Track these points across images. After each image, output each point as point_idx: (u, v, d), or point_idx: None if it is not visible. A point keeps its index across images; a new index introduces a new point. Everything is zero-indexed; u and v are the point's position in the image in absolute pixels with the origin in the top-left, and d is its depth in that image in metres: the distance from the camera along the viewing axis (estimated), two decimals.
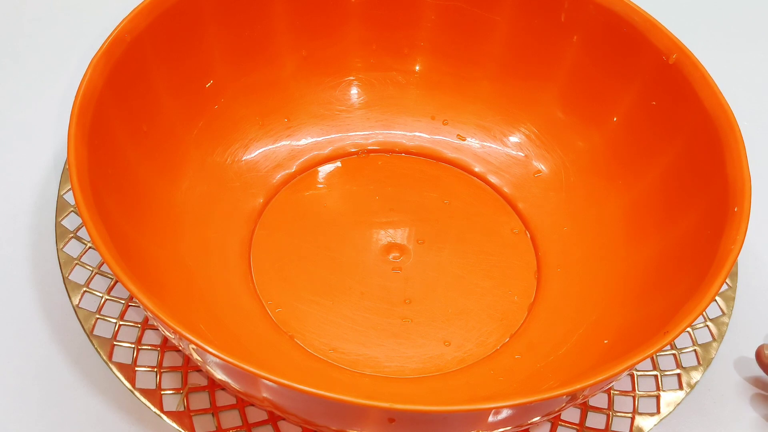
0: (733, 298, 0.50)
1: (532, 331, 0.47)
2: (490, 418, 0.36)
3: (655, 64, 0.47)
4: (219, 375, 0.38)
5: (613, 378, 0.36)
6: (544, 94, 0.52)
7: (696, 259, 0.42)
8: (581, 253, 0.49)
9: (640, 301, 0.45)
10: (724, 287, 0.50)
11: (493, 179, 0.53)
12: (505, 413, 0.36)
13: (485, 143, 0.54)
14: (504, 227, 0.52)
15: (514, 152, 0.53)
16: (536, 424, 0.43)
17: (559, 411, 0.40)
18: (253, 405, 0.44)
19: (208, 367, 0.38)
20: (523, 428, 0.41)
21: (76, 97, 0.41)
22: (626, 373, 0.38)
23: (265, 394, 0.37)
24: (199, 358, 0.37)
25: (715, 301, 0.49)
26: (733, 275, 0.50)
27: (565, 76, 0.51)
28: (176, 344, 0.40)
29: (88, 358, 0.46)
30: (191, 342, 0.35)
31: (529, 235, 0.51)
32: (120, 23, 0.44)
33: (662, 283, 0.44)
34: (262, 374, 0.33)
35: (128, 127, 0.45)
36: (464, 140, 0.54)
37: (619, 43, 0.48)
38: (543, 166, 0.53)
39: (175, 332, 0.35)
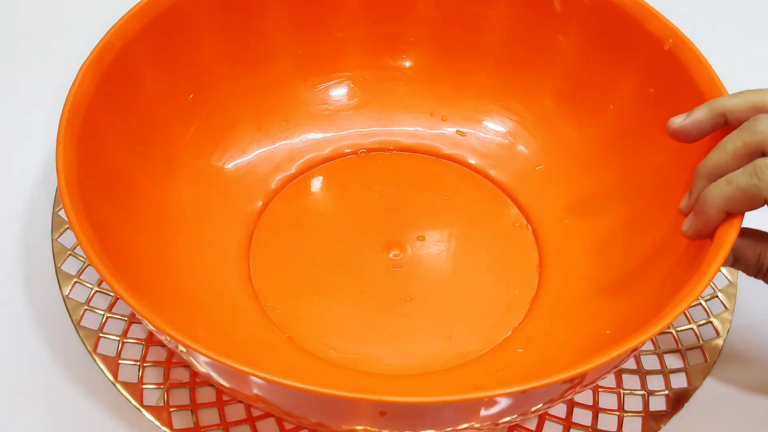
0: (734, 295, 0.49)
1: (535, 324, 0.47)
2: (484, 410, 0.36)
3: (652, 51, 0.46)
4: (220, 380, 0.38)
5: (606, 364, 0.36)
6: (541, 86, 0.52)
7: (697, 247, 0.41)
8: (583, 245, 0.49)
9: (642, 290, 0.44)
10: (726, 282, 0.49)
11: (492, 173, 0.53)
12: (500, 403, 0.36)
13: (484, 138, 0.54)
14: (505, 221, 0.51)
15: (513, 146, 0.53)
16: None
17: (557, 401, 0.40)
18: (240, 403, 0.44)
19: (210, 373, 0.38)
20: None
21: (65, 103, 0.41)
22: (619, 360, 0.37)
23: (256, 392, 0.37)
24: (198, 364, 0.37)
25: (718, 297, 0.49)
26: (734, 271, 0.49)
27: (561, 66, 0.51)
28: (172, 348, 0.40)
29: (74, 349, 0.46)
30: (197, 351, 0.34)
31: (530, 228, 0.51)
32: (110, 29, 0.44)
33: (664, 271, 0.44)
34: (248, 371, 0.33)
35: (121, 133, 0.45)
36: (463, 135, 0.54)
37: (615, 30, 0.48)
38: (542, 159, 0.52)
39: (179, 342, 0.35)
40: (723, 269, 0.49)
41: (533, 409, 0.39)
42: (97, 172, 0.42)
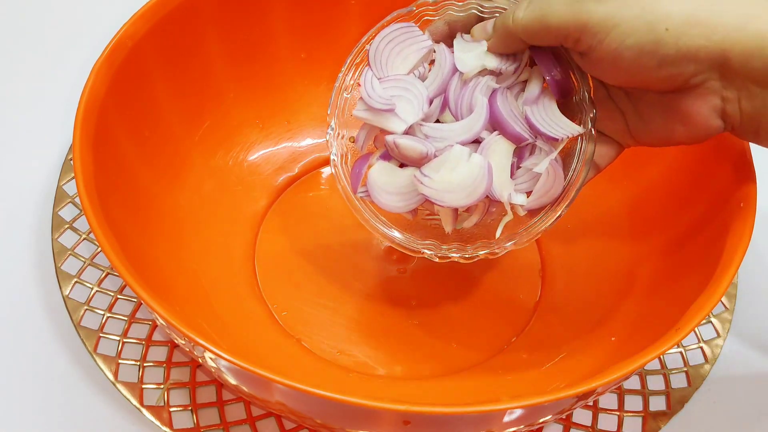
0: (735, 295, 0.50)
1: (539, 329, 0.47)
2: (505, 418, 0.36)
3: None
4: (232, 381, 0.38)
5: (626, 376, 0.36)
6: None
7: (702, 255, 0.42)
8: (585, 251, 0.49)
9: (645, 297, 0.45)
10: None
11: None
12: (518, 413, 0.36)
13: None
14: None
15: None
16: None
17: (570, 409, 0.40)
18: (240, 402, 0.44)
19: (223, 374, 0.38)
20: (534, 429, 0.41)
21: (79, 104, 0.41)
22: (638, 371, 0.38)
23: (278, 398, 0.37)
24: (213, 365, 0.37)
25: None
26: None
27: None
28: (187, 350, 0.39)
29: (74, 349, 0.46)
30: (225, 359, 0.34)
31: None
32: (121, 28, 0.44)
33: (668, 279, 0.44)
34: (283, 381, 0.33)
35: (131, 133, 0.44)
36: None
37: None
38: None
39: (198, 345, 0.35)
40: None
41: (547, 417, 0.39)
42: (111, 175, 0.41)
